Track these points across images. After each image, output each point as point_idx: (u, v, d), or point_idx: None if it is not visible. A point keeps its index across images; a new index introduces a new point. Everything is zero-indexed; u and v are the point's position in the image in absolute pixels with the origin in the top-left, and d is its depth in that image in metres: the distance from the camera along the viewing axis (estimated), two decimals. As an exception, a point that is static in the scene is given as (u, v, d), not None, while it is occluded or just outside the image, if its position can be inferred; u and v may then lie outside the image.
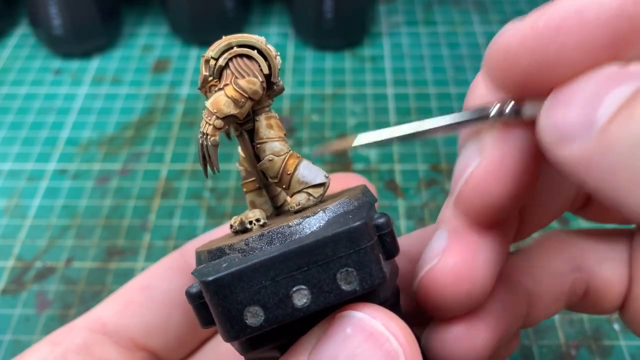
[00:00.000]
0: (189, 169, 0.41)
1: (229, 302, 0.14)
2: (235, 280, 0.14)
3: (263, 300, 0.14)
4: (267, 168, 0.18)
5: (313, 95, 0.46)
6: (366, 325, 0.14)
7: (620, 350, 0.31)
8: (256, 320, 0.14)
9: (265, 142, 0.17)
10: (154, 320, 0.21)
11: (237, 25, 0.51)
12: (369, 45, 0.51)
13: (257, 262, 0.14)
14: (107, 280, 0.35)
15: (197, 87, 0.19)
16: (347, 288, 0.14)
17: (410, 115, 0.44)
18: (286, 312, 0.14)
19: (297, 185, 0.17)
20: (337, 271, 0.14)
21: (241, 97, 0.17)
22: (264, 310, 0.14)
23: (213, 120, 0.17)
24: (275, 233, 0.16)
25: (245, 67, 0.17)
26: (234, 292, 0.14)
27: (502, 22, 0.53)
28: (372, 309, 0.15)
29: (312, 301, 0.14)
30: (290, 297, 0.14)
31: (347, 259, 0.14)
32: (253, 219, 0.17)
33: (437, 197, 0.38)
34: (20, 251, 0.36)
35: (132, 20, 0.54)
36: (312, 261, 0.14)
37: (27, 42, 0.52)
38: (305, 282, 0.14)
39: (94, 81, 0.48)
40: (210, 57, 0.17)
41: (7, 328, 0.33)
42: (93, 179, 0.40)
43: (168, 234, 0.37)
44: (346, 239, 0.14)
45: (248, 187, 0.19)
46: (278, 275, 0.14)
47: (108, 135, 0.44)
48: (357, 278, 0.14)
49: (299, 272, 0.14)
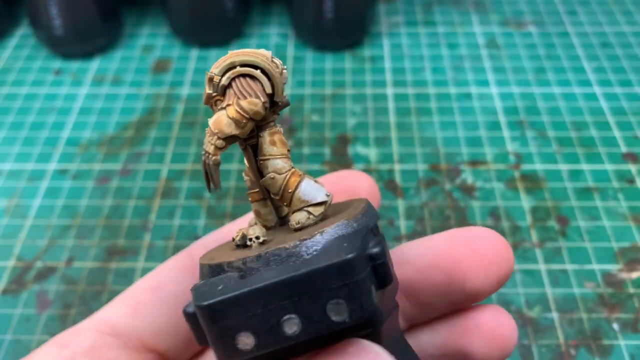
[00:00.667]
0: (189, 169, 0.41)
1: (222, 327, 0.15)
2: (228, 307, 0.14)
3: (254, 327, 0.14)
4: (269, 185, 0.18)
5: (313, 96, 0.46)
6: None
7: (619, 349, 0.31)
8: (247, 346, 0.14)
9: (267, 159, 0.18)
10: (163, 322, 0.21)
11: (237, 25, 0.51)
12: (369, 46, 0.51)
13: (250, 290, 0.14)
14: (107, 280, 0.35)
15: (197, 88, 0.19)
16: (336, 319, 0.14)
17: (410, 116, 0.44)
18: (276, 340, 0.14)
19: (298, 203, 0.17)
20: (327, 302, 0.14)
21: (242, 117, 0.17)
22: (255, 337, 0.14)
23: (215, 140, 0.17)
24: (272, 255, 0.16)
25: (248, 87, 0.17)
26: (227, 317, 0.14)
27: (502, 22, 0.53)
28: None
29: (302, 330, 0.14)
30: (280, 325, 0.14)
31: (338, 291, 0.14)
32: (253, 237, 0.17)
33: (437, 197, 0.38)
34: (20, 251, 0.36)
35: (133, 20, 0.54)
36: (303, 291, 0.14)
37: (28, 43, 0.52)
38: (296, 312, 0.14)
39: (95, 81, 0.48)
40: (214, 74, 0.17)
41: (8, 328, 0.33)
42: (93, 179, 0.40)
43: (168, 233, 0.37)
44: (337, 271, 0.14)
45: (253, 197, 0.19)
46: (270, 303, 0.14)
47: (108, 136, 0.44)
48: (347, 310, 0.14)
49: (290, 301, 0.14)
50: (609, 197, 0.38)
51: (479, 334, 0.21)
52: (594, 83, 0.47)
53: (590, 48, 0.50)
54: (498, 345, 0.20)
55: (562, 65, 0.49)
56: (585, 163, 0.41)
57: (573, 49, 0.50)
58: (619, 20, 0.54)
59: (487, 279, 0.20)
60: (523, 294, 0.33)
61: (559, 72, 0.48)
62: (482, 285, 0.20)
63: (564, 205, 0.38)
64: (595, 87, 0.47)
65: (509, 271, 0.20)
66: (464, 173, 0.40)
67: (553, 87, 0.47)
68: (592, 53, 0.50)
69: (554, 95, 0.46)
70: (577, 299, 0.33)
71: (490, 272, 0.20)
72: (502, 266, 0.20)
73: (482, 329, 0.21)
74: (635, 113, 0.44)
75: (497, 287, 0.20)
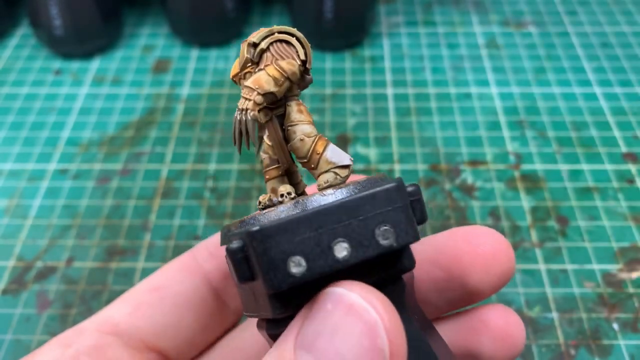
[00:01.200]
0: (190, 169, 0.41)
1: (274, 252, 0.15)
2: (280, 231, 0.15)
3: (306, 251, 0.15)
4: (297, 148, 0.18)
5: (313, 95, 0.46)
6: (345, 299, 0.15)
7: (619, 349, 0.31)
8: (299, 269, 0.15)
9: (296, 124, 0.18)
10: (165, 322, 0.21)
11: (237, 25, 0.51)
12: (369, 46, 0.51)
13: (301, 215, 0.15)
14: (107, 280, 0.35)
15: (198, 88, 0.19)
16: (384, 243, 0.15)
17: (410, 116, 0.44)
18: (327, 263, 0.15)
19: (325, 165, 0.18)
20: (375, 227, 0.15)
21: (281, 76, 0.18)
22: (307, 261, 0.15)
23: (254, 96, 0.18)
24: (310, 200, 0.16)
25: (285, 51, 0.18)
26: (279, 241, 0.15)
27: (502, 22, 0.53)
28: (351, 284, 0.15)
29: (351, 254, 0.15)
30: (331, 249, 0.15)
31: (385, 215, 0.15)
32: (284, 192, 0.18)
33: (437, 197, 0.38)
34: (21, 251, 0.36)
35: (133, 20, 0.54)
36: (353, 216, 0.15)
37: (28, 43, 0.52)
38: (345, 236, 0.15)
39: (95, 81, 0.48)
40: (253, 42, 0.18)
41: (8, 328, 0.33)
42: (94, 179, 0.40)
43: (168, 233, 0.37)
44: (384, 197, 0.15)
45: (270, 175, 0.19)
46: (320, 228, 0.15)
47: (109, 136, 0.44)
48: (394, 234, 0.15)
49: (340, 225, 0.15)
50: (608, 197, 0.38)
51: (487, 333, 0.20)
52: (594, 83, 0.47)
53: (590, 48, 0.50)
54: (507, 344, 0.20)
55: (562, 65, 0.49)
56: (585, 163, 0.41)
57: (573, 49, 0.50)
58: (619, 20, 0.54)
59: (487, 276, 0.20)
60: (523, 294, 0.33)
61: (559, 72, 0.48)
62: (482, 281, 0.20)
63: (564, 205, 0.38)
64: (595, 87, 0.47)
65: (509, 269, 0.20)
66: (463, 173, 0.40)
67: (553, 87, 0.47)
68: (592, 53, 0.50)
69: (554, 95, 0.46)
70: (577, 298, 0.33)
71: (490, 269, 0.20)
72: (502, 263, 0.20)
73: (490, 328, 0.20)
74: (635, 113, 0.44)
75: (498, 284, 0.20)
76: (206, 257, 0.22)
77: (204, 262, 0.22)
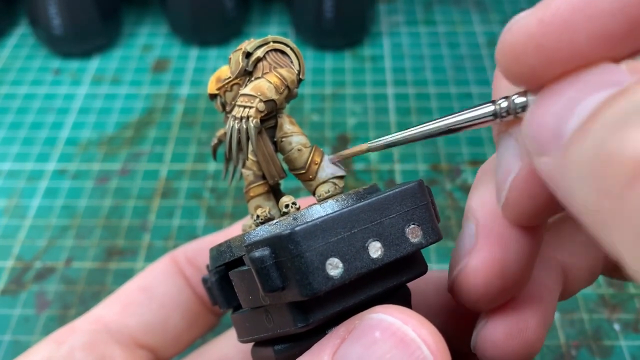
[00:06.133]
0: (189, 169, 0.41)
1: (311, 254, 0.14)
2: (318, 231, 0.14)
3: (342, 252, 0.15)
4: (295, 159, 0.18)
5: (313, 95, 0.46)
6: (397, 331, 0.14)
7: (620, 350, 0.31)
8: (336, 271, 0.14)
9: (291, 135, 0.18)
10: (153, 320, 0.22)
11: (237, 25, 0.51)
12: (369, 45, 0.51)
13: (336, 215, 0.15)
14: (106, 281, 0.34)
15: (197, 88, 0.19)
16: (414, 241, 0.15)
17: (410, 115, 0.44)
18: (363, 263, 0.15)
19: (324, 175, 0.18)
20: (404, 225, 0.15)
21: (282, 84, 0.18)
22: (343, 262, 0.15)
23: (256, 103, 0.17)
24: (313, 210, 0.16)
25: (281, 60, 0.18)
26: (316, 243, 0.14)
27: (502, 22, 0.53)
28: (403, 314, 0.14)
29: (385, 254, 0.15)
30: (366, 249, 0.15)
31: (412, 214, 0.16)
32: (289, 202, 0.17)
33: (437, 197, 0.38)
34: (19, 251, 0.36)
35: (132, 20, 0.54)
36: (384, 215, 0.15)
37: (27, 42, 0.52)
38: (377, 235, 0.15)
39: (94, 81, 0.48)
40: (247, 51, 0.18)
41: (7, 328, 0.32)
42: (93, 179, 0.40)
43: (168, 234, 0.37)
44: (410, 195, 0.16)
45: (255, 192, 0.19)
46: (355, 227, 0.15)
47: (108, 135, 0.44)
48: (422, 232, 0.16)
49: (372, 225, 0.15)
50: (609, 197, 0.38)
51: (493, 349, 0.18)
52: (595, 82, 0.47)
53: (591, 47, 0.50)
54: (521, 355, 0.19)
55: (562, 64, 0.49)
56: (586, 163, 0.40)
57: (574, 48, 0.50)
58: (619, 19, 0.53)
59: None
60: (524, 295, 0.33)
61: (559, 71, 0.48)
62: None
63: (565, 205, 0.38)
64: (596, 87, 0.46)
65: None
66: (464, 173, 0.40)
67: (554, 87, 0.47)
68: (593, 52, 0.50)
69: (554, 95, 0.46)
70: (578, 299, 0.33)
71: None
72: None
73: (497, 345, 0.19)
74: (636, 113, 0.44)
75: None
76: (185, 264, 0.23)
77: (183, 268, 0.23)
